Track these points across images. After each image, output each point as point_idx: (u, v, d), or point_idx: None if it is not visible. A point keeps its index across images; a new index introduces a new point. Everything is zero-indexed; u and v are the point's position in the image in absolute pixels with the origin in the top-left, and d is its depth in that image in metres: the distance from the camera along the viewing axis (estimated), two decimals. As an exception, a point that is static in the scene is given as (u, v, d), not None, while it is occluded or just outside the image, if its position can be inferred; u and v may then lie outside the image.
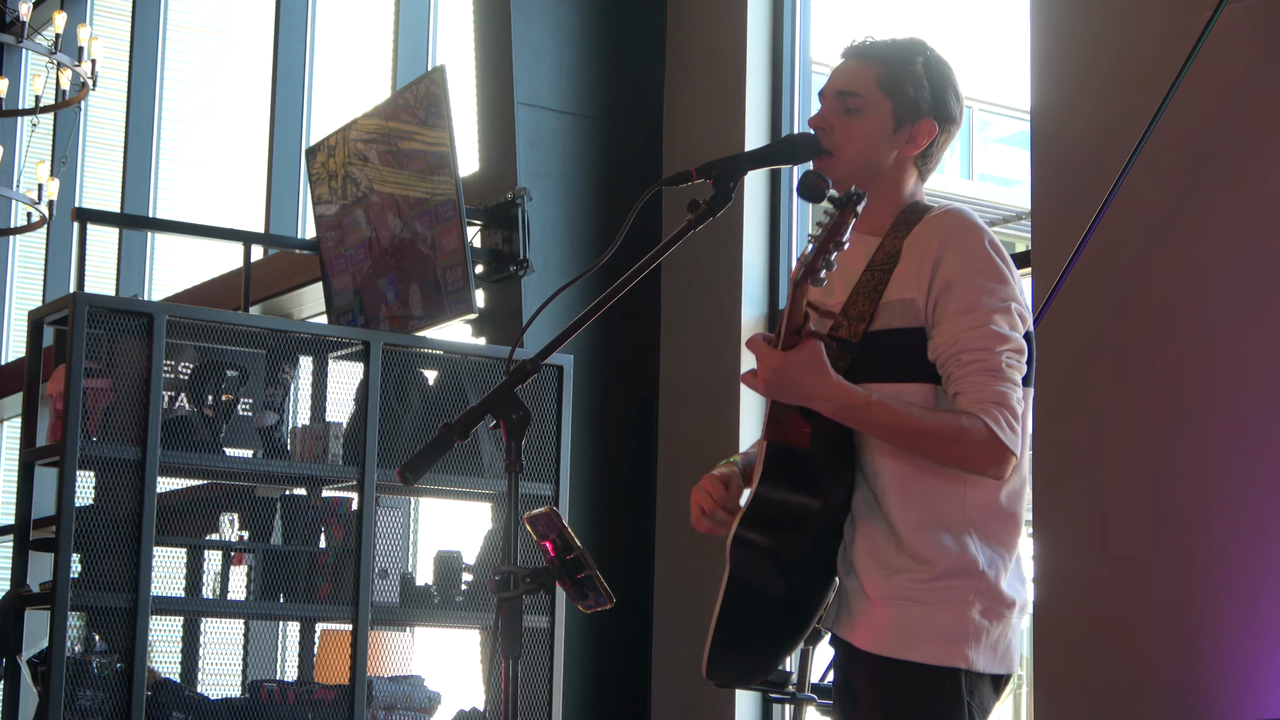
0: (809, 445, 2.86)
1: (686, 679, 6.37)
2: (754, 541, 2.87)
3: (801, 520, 2.88)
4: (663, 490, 6.71)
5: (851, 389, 2.81)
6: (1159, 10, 4.91)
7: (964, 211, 2.98)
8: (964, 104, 3.12)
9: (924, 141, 3.04)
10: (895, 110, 3.01)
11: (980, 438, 2.79)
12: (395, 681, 5.85)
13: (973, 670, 2.86)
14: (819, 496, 2.88)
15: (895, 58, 3.03)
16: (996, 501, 2.91)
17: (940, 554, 2.86)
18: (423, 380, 6.01)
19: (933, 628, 2.85)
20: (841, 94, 3.02)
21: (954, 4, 12.23)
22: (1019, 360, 2.86)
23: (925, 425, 2.81)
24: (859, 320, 2.92)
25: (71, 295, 5.38)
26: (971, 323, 2.85)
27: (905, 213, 3.01)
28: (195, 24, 11.77)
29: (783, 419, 2.87)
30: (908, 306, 2.90)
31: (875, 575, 2.88)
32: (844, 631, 2.93)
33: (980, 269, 2.89)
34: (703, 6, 6.82)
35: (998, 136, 15.54)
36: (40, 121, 11.15)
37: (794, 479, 2.88)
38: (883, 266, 2.94)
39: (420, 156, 6.52)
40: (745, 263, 6.45)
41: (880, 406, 2.81)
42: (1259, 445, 4.50)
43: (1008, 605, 2.89)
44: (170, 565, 5.87)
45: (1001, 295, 2.88)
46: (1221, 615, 4.51)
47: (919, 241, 2.93)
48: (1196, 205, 4.73)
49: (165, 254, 11.22)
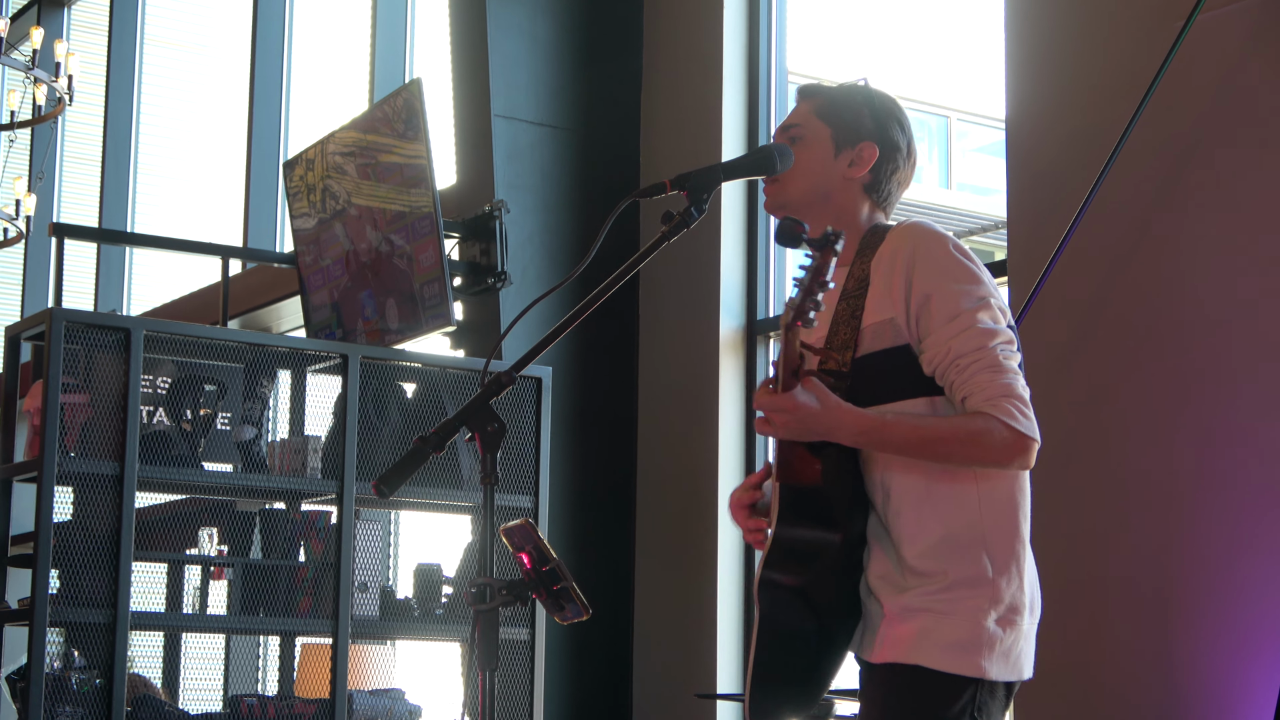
0: (820, 481, 2.90)
1: (667, 690, 6.37)
2: (779, 582, 2.91)
3: (823, 555, 2.91)
4: (642, 501, 6.72)
5: (865, 413, 2.86)
6: (1133, 19, 4.94)
7: (922, 223, 3.03)
8: (912, 140, 3.17)
9: (867, 162, 3.09)
10: (834, 136, 3.09)
11: (999, 433, 2.84)
12: (376, 695, 5.84)
13: (986, 679, 2.88)
14: (838, 530, 2.92)
15: (835, 92, 3.15)
16: (1008, 509, 2.94)
17: (952, 565, 2.89)
18: (401, 393, 6.01)
19: (947, 636, 2.87)
20: (784, 128, 3.13)
21: (930, 14, 12.26)
22: (1012, 350, 2.91)
23: (944, 432, 2.86)
24: (845, 348, 2.96)
25: (49, 310, 5.37)
26: (958, 327, 2.89)
27: (868, 236, 3.06)
28: (172, 38, 11.76)
29: (792, 460, 2.91)
30: (888, 327, 2.94)
31: (890, 594, 2.92)
32: (865, 652, 2.96)
33: (952, 275, 2.93)
34: (678, 18, 6.84)
35: (976, 146, 15.57)
36: (17, 137, 11.15)
37: (811, 516, 2.92)
38: (855, 294, 2.99)
39: (398, 170, 6.52)
40: (723, 274, 6.46)
41: (898, 423, 2.86)
42: (1237, 451, 4.52)
43: (1019, 612, 2.92)
44: (150, 580, 5.86)
45: (978, 294, 2.92)
46: (1200, 623, 4.52)
47: (884, 260, 2.98)
48: (1171, 212, 4.75)
49: (144, 268, 11.21)
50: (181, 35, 11.88)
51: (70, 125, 11.96)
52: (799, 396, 2.84)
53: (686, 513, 6.51)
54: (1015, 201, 5.26)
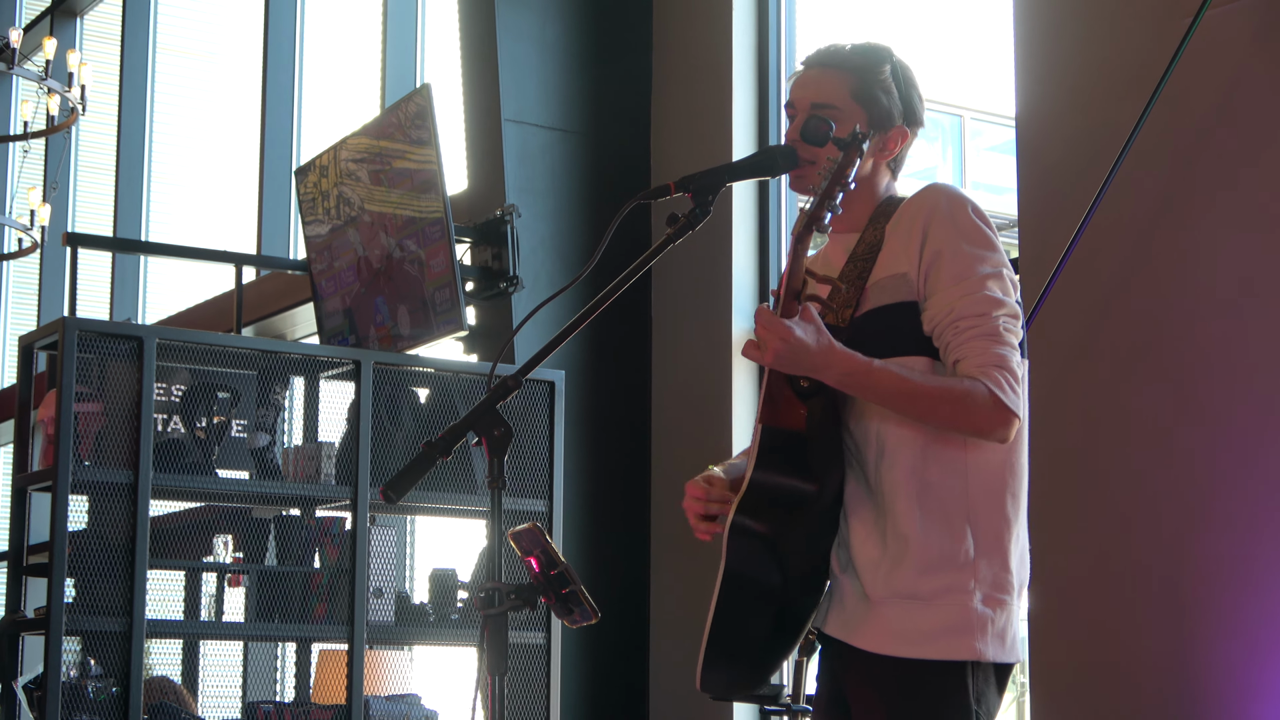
0: (804, 427, 2.86)
1: (684, 694, 6.37)
2: (751, 529, 2.86)
3: (798, 505, 2.87)
4: (657, 504, 6.71)
5: (855, 355, 2.81)
6: (1141, 16, 4.93)
7: (945, 185, 3.00)
8: (925, 103, 3.14)
9: (895, 149, 3.07)
10: (870, 121, 3.03)
11: (984, 400, 2.80)
12: (392, 700, 5.85)
13: (982, 661, 2.86)
14: (814, 481, 2.87)
15: (864, 66, 3.05)
16: (995, 484, 2.91)
17: (936, 543, 2.85)
18: (414, 398, 6.02)
19: (938, 623, 2.84)
20: (816, 107, 3.03)
21: (943, 13, 12.25)
22: (1015, 325, 2.88)
23: (929, 389, 2.82)
24: (845, 307, 2.93)
25: (62, 320, 5.39)
26: (965, 290, 2.86)
27: (882, 205, 3.04)
28: (184, 47, 11.78)
29: (778, 400, 2.86)
30: (899, 282, 2.91)
31: (873, 574, 2.87)
32: (841, 632, 2.91)
33: (968, 237, 2.91)
34: (688, 21, 6.84)
35: (990, 145, 15.53)
36: (31, 147, 11.17)
37: (789, 463, 2.87)
38: (864, 257, 2.97)
39: (409, 176, 6.53)
40: (735, 275, 6.45)
41: (884, 372, 2.81)
42: (1251, 446, 4.51)
43: (1006, 590, 2.89)
44: (167, 588, 5.87)
45: (992, 262, 2.90)
46: (1217, 616, 4.51)
47: (904, 220, 2.95)
48: (1182, 209, 4.74)
49: (158, 277, 11.23)
50: (193, 43, 11.90)
51: (84, 135, 11.98)
52: (794, 327, 2.78)
53: (701, 515, 6.50)
54: (1026, 199, 5.25)
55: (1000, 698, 2.93)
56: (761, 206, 6.56)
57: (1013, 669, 2.94)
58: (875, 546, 2.88)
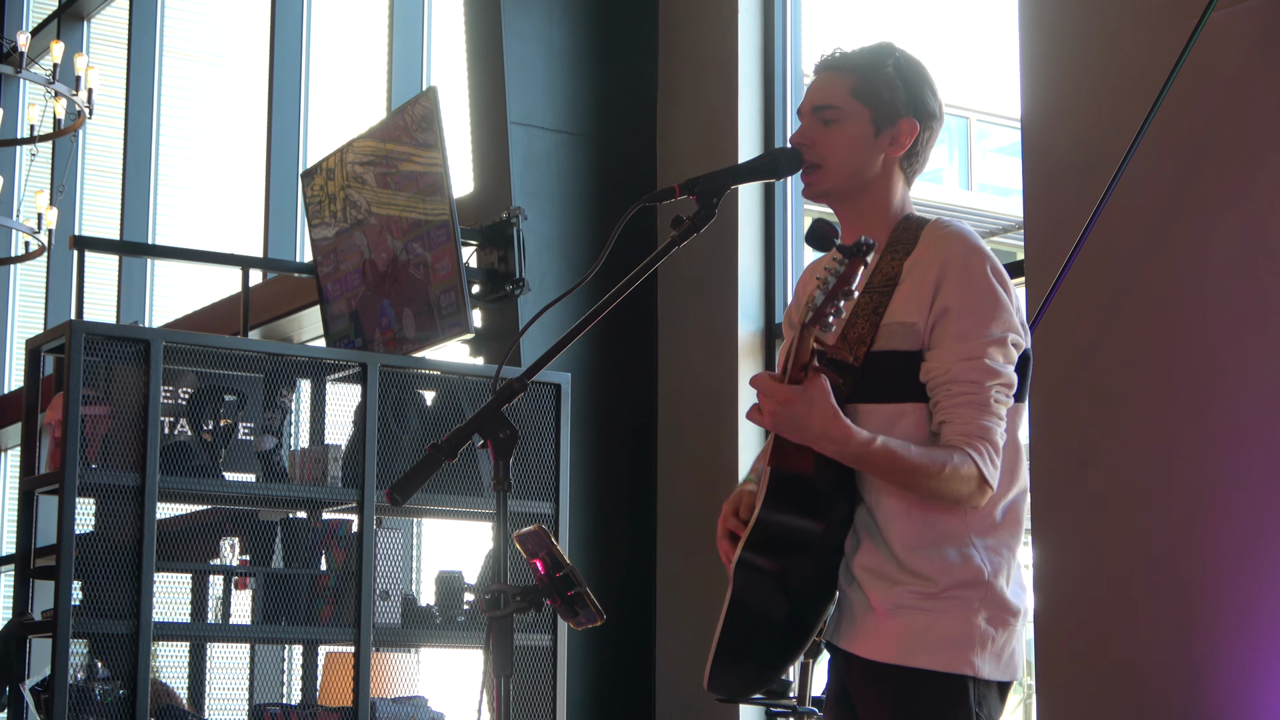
0: (812, 470, 2.88)
1: (690, 695, 6.37)
2: (757, 565, 2.91)
3: (803, 543, 2.91)
4: (663, 506, 6.72)
5: (855, 433, 2.83)
6: (1146, 18, 4.93)
7: (966, 233, 2.98)
8: (942, 99, 3.12)
9: (907, 141, 3.05)
10: (874, 117, 3.02)
11: (967, 472, 2.84)
12: (399, 703, 5.85)
13: (979, 678, 2.87)
14: (821, 520, 2.91)
15: (866, 64, 3.04)
16: (995, 512, 2.93)
17: (943, 567, 2.89)
18: (421, 401, 6.02)
19: (940, 634, 2.86)
20: (818, 109, 3.04)
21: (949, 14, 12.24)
22: (1006, 395, 2.90)
23: (919, 464, 2.84)
24: (859, 343, 2.93)
25: (68, 323, 5.39)
26: (966, 353, 2.87)
27: (899, 230, 3.01)
28: (191, 50, 11.79)
29: (787, 447, 2.89)
30: (908, 330, 2.92)
31: (878, 587, 2.90)
32: (846, 642, 2.94)
33: (979, 296, 2.91)
34: (694, 23, 6.84)
35: (996, 146, 15.53)
36: (39, 151, 11.19)
37: (796, 503, 2.90)
38: (881, 289, 2.96)
39: (415, 179, 6.53)
40: (741, 277, 6.45)
41: (883, 452, 2.84)
42: (1256, 448, 4.51)
43: (1012, 613, 2.91)
44: (174, 591, 5.88)
45: (1000, 324, 2.90)
46: (1223, 616, 4.51)
47: (920, 264, 2.94)
48: (1188, 210, 4.74)
49: (165, 280, 11.24)
50: (200, 47, 11.91)
51: (90, 138, 12.00)
52: (798, 394, 2.81)
53: (707, 517, 6.48)
54: (1031, 201, 5.25)
55: (1002, 709, 2.96)
56: (767, 209, 6.57)
57: (1012, 687, 2.96)
58: (881, 569, 2.91)
